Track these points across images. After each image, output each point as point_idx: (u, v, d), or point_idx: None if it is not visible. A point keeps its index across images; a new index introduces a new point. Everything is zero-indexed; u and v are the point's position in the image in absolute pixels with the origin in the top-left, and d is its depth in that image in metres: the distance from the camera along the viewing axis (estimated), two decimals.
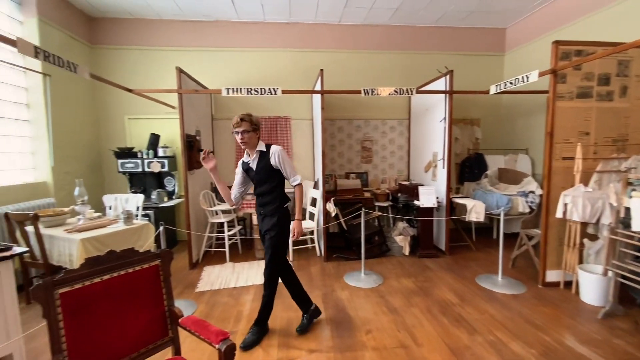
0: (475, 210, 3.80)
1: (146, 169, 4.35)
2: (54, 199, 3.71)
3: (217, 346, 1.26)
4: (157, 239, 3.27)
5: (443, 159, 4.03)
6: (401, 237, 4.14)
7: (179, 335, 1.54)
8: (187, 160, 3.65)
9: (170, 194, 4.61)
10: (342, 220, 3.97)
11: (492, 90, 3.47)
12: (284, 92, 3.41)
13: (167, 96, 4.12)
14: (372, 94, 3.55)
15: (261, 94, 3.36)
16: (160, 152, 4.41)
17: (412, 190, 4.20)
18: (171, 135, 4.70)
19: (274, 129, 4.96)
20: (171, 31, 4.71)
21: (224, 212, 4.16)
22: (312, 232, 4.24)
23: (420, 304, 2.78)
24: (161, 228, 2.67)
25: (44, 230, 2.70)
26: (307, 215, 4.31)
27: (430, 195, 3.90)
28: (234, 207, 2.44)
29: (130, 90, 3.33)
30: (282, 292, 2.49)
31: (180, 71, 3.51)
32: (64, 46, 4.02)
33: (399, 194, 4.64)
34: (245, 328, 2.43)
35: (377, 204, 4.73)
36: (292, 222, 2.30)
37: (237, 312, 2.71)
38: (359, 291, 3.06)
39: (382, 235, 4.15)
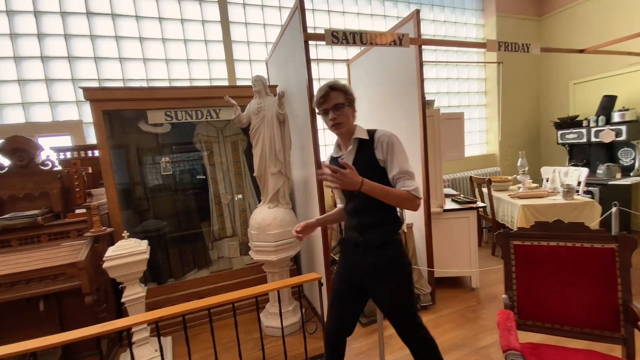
0: None
1: (592, 139, 3.75)
2: (499, 168, 4.46)
3: None
4: (604, 222, 2.80)
5: None
6: None
7: (634, 339, 1.29)
8: None
9: (627, 170, 3.63)
10: None
11: None
12: None
13: (631, 44, 3.17)
14: None
15: None
16: (616, 117, 3.57)
17: None
18: (633, 94, 3.61)
19: None
20: None
21: None
22: None
23: None
24: (614, 209, 2.22)
25: (493, 193, 3.34)
26: None
27: None
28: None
29: (581, 51, 2.98)
30: None
31: None
32: (516, 31, 4.42)
33: None
34: None
35: None
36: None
37: None
38: None
39: None
